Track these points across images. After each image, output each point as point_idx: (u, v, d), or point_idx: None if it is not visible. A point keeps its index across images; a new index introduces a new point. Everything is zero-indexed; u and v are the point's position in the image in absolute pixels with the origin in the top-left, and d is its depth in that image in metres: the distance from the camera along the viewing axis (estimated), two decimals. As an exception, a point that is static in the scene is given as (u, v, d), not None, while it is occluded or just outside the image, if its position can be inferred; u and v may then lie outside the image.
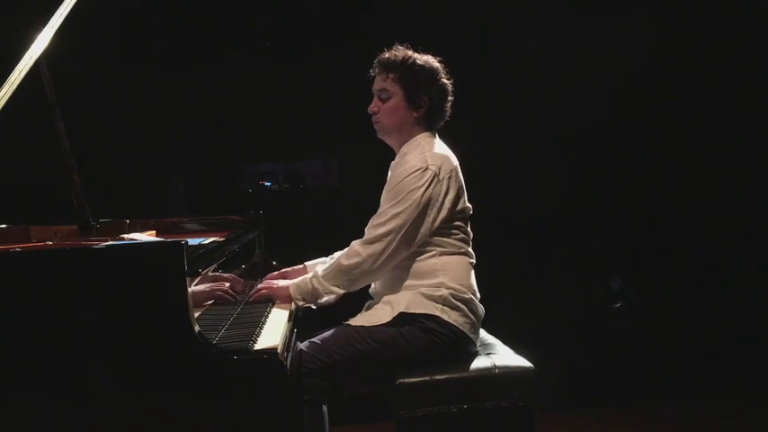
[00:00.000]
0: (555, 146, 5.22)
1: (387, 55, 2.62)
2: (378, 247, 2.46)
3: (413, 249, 2.51)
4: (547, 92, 5.18)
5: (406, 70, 2.58)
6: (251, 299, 2.63)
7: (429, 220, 2.48)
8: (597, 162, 5.23)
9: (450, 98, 2.65)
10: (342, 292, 2.53)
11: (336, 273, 2.51)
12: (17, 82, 2.44)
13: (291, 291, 2.58)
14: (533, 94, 5.18)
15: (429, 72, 2.60)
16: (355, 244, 2.52)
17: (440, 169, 2.49)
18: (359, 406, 3.05)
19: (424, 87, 2.58)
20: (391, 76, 2.59)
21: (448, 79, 2.64)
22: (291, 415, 2.23)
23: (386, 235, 2.46)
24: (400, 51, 2.62)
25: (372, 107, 2.63)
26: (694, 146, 5.10)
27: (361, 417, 3.77)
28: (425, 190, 2.46)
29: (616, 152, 5.20)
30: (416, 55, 2.61)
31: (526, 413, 2.40)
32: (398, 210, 2.46)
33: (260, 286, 2.70)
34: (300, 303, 2.59)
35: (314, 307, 2.63)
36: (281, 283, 2.67)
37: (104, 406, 1.87)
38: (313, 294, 2.55)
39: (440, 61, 2.65)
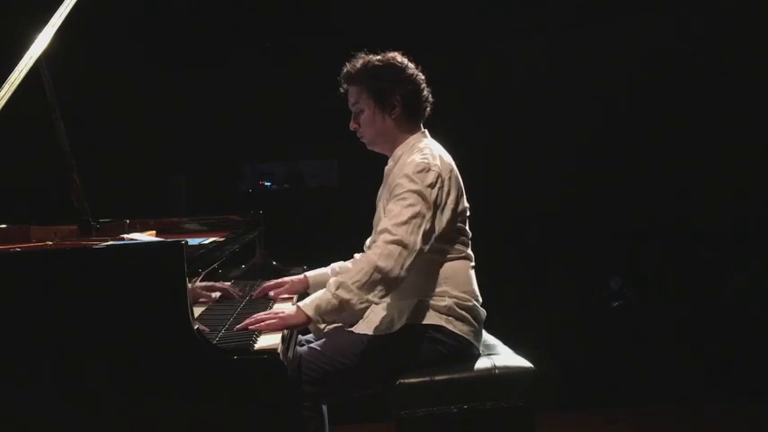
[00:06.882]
0: (556, 146, 5.23)
1: (346, 68, 2.52)
2: (405, 249, 2.27)
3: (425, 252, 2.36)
4: (547, 92, 5.19)
5: (367, 77, 2.48)
6: (255, 327, 2.21)
7: (436, 221, 2.38)
8: (597, 162, 5.24)
9: (423, 88, 2.51)
10: (377, 301, 2.30)
11: (373, 278, 2.25)
12: (17, 82, 2.44)
13: (311, 314, 2.25)
14: (534, 94, 5.19)
15: (392, 70, 2.48)
16: (384, 245, 2.28)
17: (441, 169, 2.41)
18: (359, 406, 3.05)
19: (391, 87, 2.46)
20: (356, 88, 2.50)
21: (416, 69, 2.52)
22: (291, 415, 2.23)
23: (411, 234, 2.28)
24: (359, 60, 2.51)
25: (351, 125, 2.54)
26: (694, 147, 5.11)
27: (361, 417, 3.77)
28: (432, 189, 2.36)
29: (616, 153, 5.21)
30: (376, 57, 2.50)
31: (526, 413, 2.39)
32: (414, 211, 2.31)
33: (265, 316, 2.26)
34: (322, 326, 2.39)
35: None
36: (288, 308, 2.39)
37: (104, 406, 1.87)
38: (340, 309, 2.25)
39: (403, 54, 2.52)
